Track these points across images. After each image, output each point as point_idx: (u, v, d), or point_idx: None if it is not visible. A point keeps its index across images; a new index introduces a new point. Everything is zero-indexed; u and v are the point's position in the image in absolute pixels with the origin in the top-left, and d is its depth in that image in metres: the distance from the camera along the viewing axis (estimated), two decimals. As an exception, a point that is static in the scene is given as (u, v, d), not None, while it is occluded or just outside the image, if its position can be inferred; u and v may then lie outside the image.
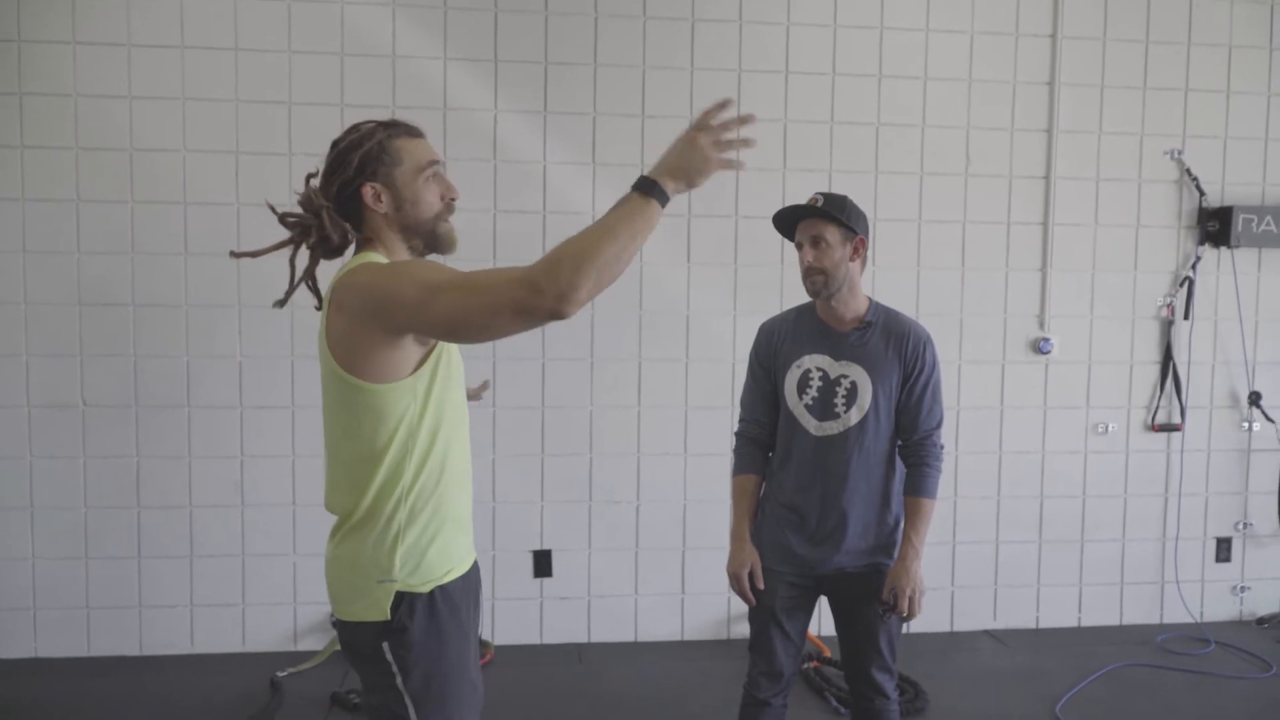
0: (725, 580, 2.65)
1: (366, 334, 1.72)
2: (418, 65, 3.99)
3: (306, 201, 1.82)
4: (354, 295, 1.73)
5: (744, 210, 4.19)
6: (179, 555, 4.02)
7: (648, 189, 1.63)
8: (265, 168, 3.95)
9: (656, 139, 4.12)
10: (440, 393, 1.81)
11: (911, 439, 2.59)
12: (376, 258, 1.81)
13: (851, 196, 2.62)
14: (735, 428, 2.77)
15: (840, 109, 4.23)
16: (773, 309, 2.90)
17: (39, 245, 3.89)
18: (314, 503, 4.05)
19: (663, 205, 1.64)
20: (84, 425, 3.94)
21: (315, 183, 1.86)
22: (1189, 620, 4.51)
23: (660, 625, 4.26)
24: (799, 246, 2.56)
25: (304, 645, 4.08)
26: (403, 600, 1.77)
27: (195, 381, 3.98)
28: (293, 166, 3.94)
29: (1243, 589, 4.61)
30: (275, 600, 4.08)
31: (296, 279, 1.89)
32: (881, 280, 4.17)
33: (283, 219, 1.84)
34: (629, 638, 4.26)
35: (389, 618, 1.76)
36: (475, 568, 1.94)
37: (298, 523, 4.07)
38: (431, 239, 1.87)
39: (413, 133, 1.88)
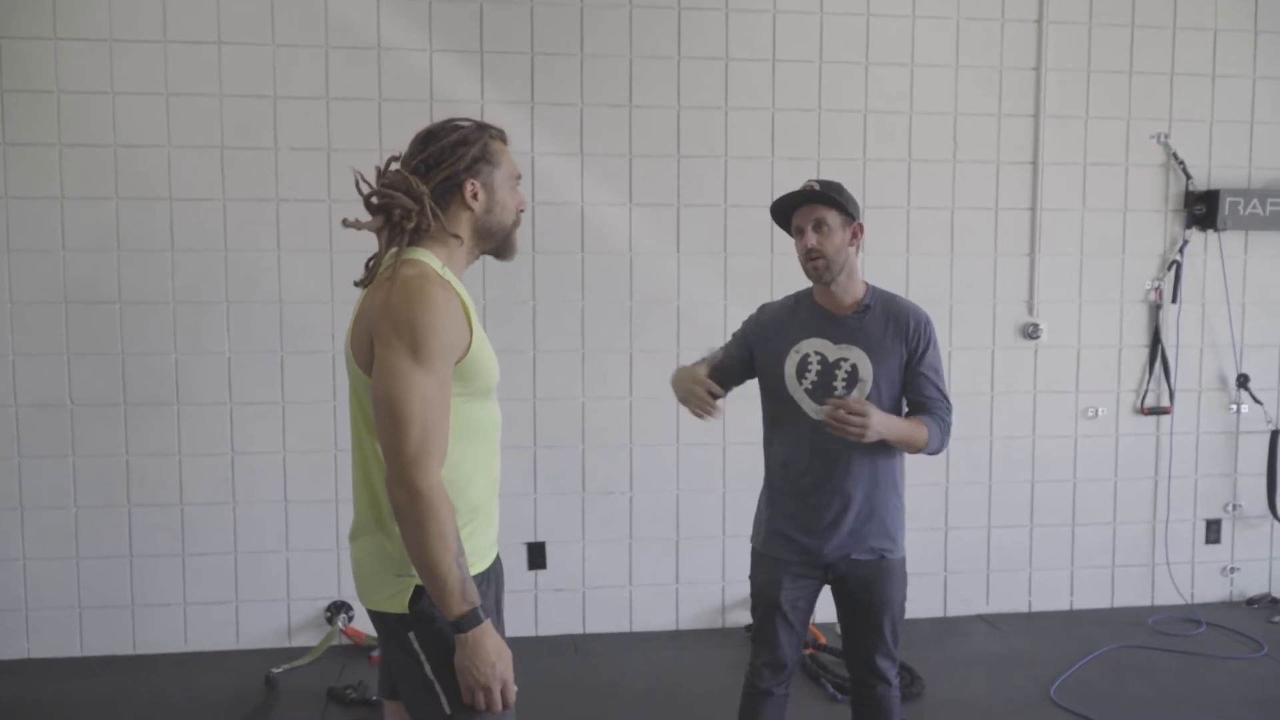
0: (719, 569, 2.66)
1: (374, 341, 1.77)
2: (403, 57, 3.97)
3: (405, 185, 1.81)
4: (386, 308, 1.73)
5: (733, 199, 4.19)
6: (171, 553, 4.00)
7: (462, 625, 1.72)
8: (251, 162, 3.92)
9: (644, 128, 4.12)
10: (462, 402, 1.80)
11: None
12: (430, 259, 1.82)
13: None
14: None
15: (827, 97, 4.22)
16: (763, 298, 2.89)
17: (23, 243, 3.86)
18: (306, 498, 4.05)
19: (454, 619, 1.72)
20: (72, 424, 3.91)
21: (397, 167, 1.86)
22: (1180, 602, 4.54)
23: (655, 615, 4.27)
24: (799, 233, 2.55)
25: (299, 641, 4.07)
26: (422, 594, 1.78)
27: (184, 378, 3.96)
28: (279, 160, 3.92)
29: (1233, 570, 4.64)
30: (269, 597, 4.07)
31: (381, 259, 1.84)
32: (871, 267, 4.16)
33: (368, 199, 1.83)
34: (624, 628, 4.27)
35: (407, 611, 1.80)
36: (498, 563, 1.96)
37: (290, 518, 4.05)
38: (505, 244, 1.97)
39: (504, 138, 1.95)
